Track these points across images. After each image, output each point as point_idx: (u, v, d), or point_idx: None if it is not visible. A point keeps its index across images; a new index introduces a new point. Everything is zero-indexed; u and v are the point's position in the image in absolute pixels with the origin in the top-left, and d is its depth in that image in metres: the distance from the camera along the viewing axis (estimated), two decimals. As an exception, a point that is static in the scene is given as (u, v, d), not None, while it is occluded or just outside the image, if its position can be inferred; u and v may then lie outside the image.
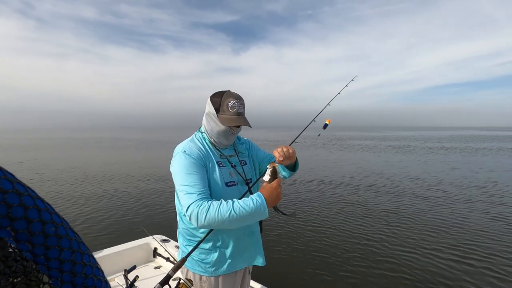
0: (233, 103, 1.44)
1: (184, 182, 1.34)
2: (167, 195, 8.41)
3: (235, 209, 1.25)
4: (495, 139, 41.44)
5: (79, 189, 9.22)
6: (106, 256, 2.90)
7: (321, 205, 7.31)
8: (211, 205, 1.26)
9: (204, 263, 1.49)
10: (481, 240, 5.05)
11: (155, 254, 3.20)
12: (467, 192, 8.69)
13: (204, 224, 1.27)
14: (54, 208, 0.50)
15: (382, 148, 25.83)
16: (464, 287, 3.70)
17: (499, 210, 6.76)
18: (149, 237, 3.25)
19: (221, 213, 1.24)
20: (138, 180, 10.68)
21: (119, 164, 15.59)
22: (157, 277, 2.87)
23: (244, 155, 1.67)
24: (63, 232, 0.50)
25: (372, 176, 11.29)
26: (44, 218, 0.47)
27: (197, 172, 1.37)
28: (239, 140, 1.73)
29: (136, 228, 5.59)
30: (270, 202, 1.30)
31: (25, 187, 0.46)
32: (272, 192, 1.32)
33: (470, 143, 32.40)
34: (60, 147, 27.80)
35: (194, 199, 1.29)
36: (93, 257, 0.56)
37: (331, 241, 5.08)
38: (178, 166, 1.39)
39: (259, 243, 1.65)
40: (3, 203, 0.42)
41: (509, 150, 23.47)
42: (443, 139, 40.55)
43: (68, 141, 38.50)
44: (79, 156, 19.82)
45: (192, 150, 1.44)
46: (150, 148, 26.34)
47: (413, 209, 6.91)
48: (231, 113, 1.44)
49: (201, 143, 1.51)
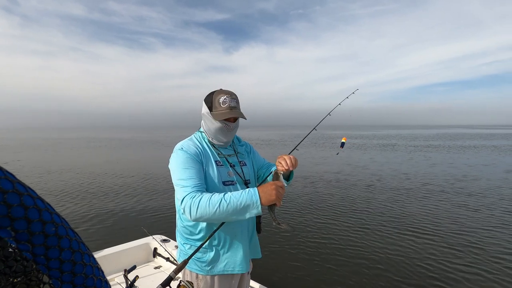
0: (224, 98, 1.47)
1: (180, 176, 1.37)
2: (166, 195, 8.41)
3: (225, 198, 1.25)
4: (481, 137, 42.49)
5: (78, 190, 9.22)
6: (106, 256, 2.90)
7: (318, 204, 7.31)
8: (203, 195, 1.27)
9: (200, 261, 1.50)
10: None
11: (155, 254, 3.20)
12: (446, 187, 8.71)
13: (197, 216, 1.26)
14: (54, 208, 0.50)
15: (370, 146, 26.29)
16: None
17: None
18: (149, 237, 3.26)
19: (212, 202, 1.24)
20: (137, 180, 10.68)
21: (118, 164, 15.59)
22: (157, 277, 2.87)
23: (243, 156, 1.68)
24: (63, 232, 0.50)
25: (358, 174, 11.29)
26: (44, 218, 0.47)
27: (193, 167, 1.39)
28: (239, 142, 1.74)
29: (136, 228, 5.59)
30: (263, 197, 1.27)
31: (25, 187, 0.46)
32: (267, 187, 1.29)
33: (457, 141, 33.11)
34: (51, 148, 27.32)
35: (188, 192, 1.30)
36: (93, 257, 0.56)
37: (331, 241, 5.08)
38: (175, 162, 1.43)
39: (257, 244, 1.65)
40: (3, 203, 0.42)
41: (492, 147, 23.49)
42: (429, 137, 41.46)
43: (59, 141, 38.03)
44: (72, 156, 19.77)
45: (189, 147, 1.47)
46: (147, 148, 26.30)
47: (407, 204, 6.93)
48: (223, 108, 1.47)
49: (199, 142, 1.54)
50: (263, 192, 1.27)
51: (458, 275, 3.95)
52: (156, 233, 3.41)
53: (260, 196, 1.26)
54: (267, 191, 1.27)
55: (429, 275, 3.96)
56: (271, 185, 1.29)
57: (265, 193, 1.27)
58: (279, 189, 1.30)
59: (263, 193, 1.27)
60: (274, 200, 1.28)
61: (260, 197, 1.26)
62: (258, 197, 1.26)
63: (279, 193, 1.29)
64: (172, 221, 1.47)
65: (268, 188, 1.28)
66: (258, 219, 1.64)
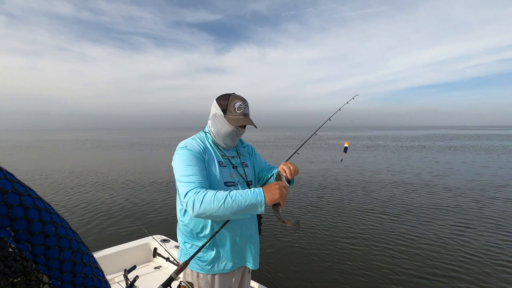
0: (240, 104, 1.50)
1: (184, 173, 1.37)
2: (166, 195, 8.42)
3: (231, 195, 1.25)
4: (466, 137, 43.90)
5: (79, 190, 9.22)
6: (106, 256, 2.90)
7: (317, 203, 7.31)
8: (208, 191, 1.28)
9: (201, 260, 1.51)
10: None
11: (155, 254, 3.20)
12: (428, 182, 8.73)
13: (200, 212, 1.25)
14: (54, 208, 0.50)
15: (357, 146, 26.62)
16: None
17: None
18: (149, 237, 3.26)
19: (217, 198, 1.24)
20: (137, 180, 10.68)
21: (117, 164, 15.59)
22: (157, 277, 2.87)
23: (246, 157, 1.70)
24: (63, 232, 0.50)
25: (354, 175, 11.30)
26: (44, 218, 0.47)
27: (197, 165, 1.40)
28: (242, 143, 1.76)
29: (136, 228, 5.60)
30: (267, 196, 1.28)
31: (25, 187, 0.46)
32: (271, 186, 1.30)
33: (439, 142, 33.77)
34: (43, 150, 27.12)
35: (192, 187, 1.30)
36: (93, 257, 0.56)
37: (332, 240, 5.08)
38: (179, 159, 1.43)
39: (257, 246, 1.64)
40: (3, 203, 0.42)
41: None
42: (415, 138, 42.41)
43: (54, 143, 38.07)
44: (68, 158, 19.81)
45: (193, 145, 1.49)
46: (144, 148, 26.35)
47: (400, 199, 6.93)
48: (238, 114, 1.49)
49: (202, 141, 1.55)
50: (267, 191, 1.29)
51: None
52: (156, 233, 3.41)
53: (265, 196, 1.28)
54: (271, 191, 1.29)
55: (434, 279, 3.96)
56: (275, 185, 1.31)
57: (269, 192, 1.29)
58: (283, 189, 1.31)
59: (267, 192, 1.28)
60: (277, 199, 1.29)
61: (265, 197, 1.27)
62: (263, 197, 1.27)
63: (283, 193, 1.30)
64: (172, 221, 1.46)
65: (272, 188, 1.30)
66: (259, 220, 1.64)
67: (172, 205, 7.27)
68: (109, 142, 38.94)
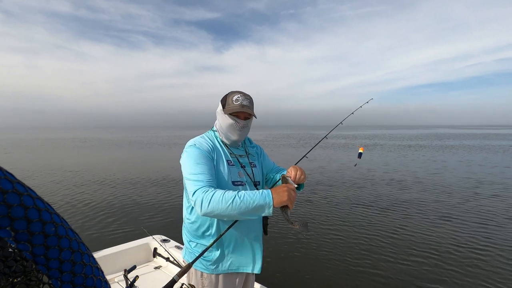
0: (237, 96, 1.52)
1: (193, 171, 1.38)
2: (166, 195, 8.42)
3: (239, 195, 1.25)
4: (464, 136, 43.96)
5: (78, 190, 9.22)
6: (106, 256, 2.90)
7: (321, 205, 7.31)
8: (217, 190, 1.28)
9: (205, 260, 1.51)
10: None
11: (155, 254, 3.20)
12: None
13: (207, 210, 1.26)
14: (54, 208, 0.50)
15: (356, 146, 26.63)
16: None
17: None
18: (149, 237, 3.26)
19: (225, 197, 1.24)
20: (137, 180, 10.67)
21: (116, 164, 15.58)
22: (157, 277, 2.87)
23: (254, 157, 1.69)
24: (63, 232, 0.50)
25: (360, 175, 11.30)
26: (44, 218, 0.47)
27: (205, 163, 1.41)
28: (251, 143, 1.76)
29: (136, 228, 5.59)
30: (275, 198, 1.28)
31: (25, 187, 0.46)
32: (279, 189, 1.30)
33: (435, 141, 33.83)
34: (42, 148, 27.04)
35: (201, 186, 1.31)
36: (93, 257, 0.56)
37: (332, 240, 5.08)
38: (187, 157, 1.44)
39: (261, 248, 1.62)
40: (3, 203, 0.42)
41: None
42: (413, 137, 42.49)
43: (53, 141, 37.86)
44: (68, 157, 19.77)
45: (201, 144, 1.50)
46: (144, 147, 26.30)
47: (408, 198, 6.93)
48: (235, 105, 1.51)
49: (211, 140, 1.56)
50: (275, 193, 1.29)
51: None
52: (156, 233, 3.41)
53: (274, 198, 1.27)
54: (279, 193, 1.29)
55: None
56: (283, 187, 1.31)
57: (277, 194, 1.28)
58: (291, 191, 1.31)
59: (276, 194, 1.28)
60: (285, 201, 1.28)
61: (274, 199, 1.27)
62: (271, 198, 1.27)
63: (291, 195, 1.30)
64: (172, 221, 1.45)
65: (281, 190, 1.30)
66: (266, 221, 1.63)
67: (173, 205, 7.27)
68: (108, 140, 38.88)
